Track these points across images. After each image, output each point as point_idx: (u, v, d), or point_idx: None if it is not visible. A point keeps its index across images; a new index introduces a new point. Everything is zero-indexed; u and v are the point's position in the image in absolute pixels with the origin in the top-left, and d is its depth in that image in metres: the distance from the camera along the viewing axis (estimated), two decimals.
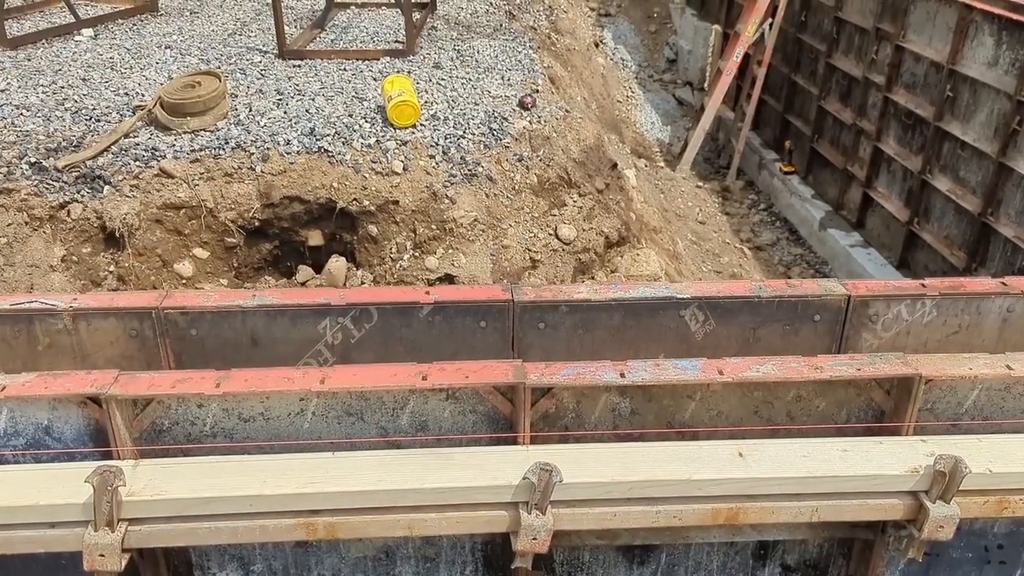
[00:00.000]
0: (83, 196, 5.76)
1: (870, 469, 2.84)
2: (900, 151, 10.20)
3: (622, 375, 2.96)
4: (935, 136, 9.40)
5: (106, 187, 5.79)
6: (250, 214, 5.97)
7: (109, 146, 6.05)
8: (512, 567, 2.88)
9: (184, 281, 6.00)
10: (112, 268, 5.80)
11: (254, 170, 5.99)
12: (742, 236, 11.97)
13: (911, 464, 2.84)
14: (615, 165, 7.26)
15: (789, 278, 10.84)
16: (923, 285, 3.67)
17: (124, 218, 5.72)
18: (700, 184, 13.28)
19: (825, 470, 2.83)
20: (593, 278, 6.41)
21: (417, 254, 5.99)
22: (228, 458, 2.78)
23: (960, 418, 3.20)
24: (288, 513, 2.67)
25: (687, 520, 2.81)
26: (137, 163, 5.93)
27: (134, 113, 6.49)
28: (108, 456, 2.82)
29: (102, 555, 2.53)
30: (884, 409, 3.19)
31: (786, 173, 12.68)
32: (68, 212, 5.73)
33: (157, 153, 6.00)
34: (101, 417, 2.77)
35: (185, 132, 6.23)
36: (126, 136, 6.19)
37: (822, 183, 12.14)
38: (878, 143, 10.55)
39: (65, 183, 5.79)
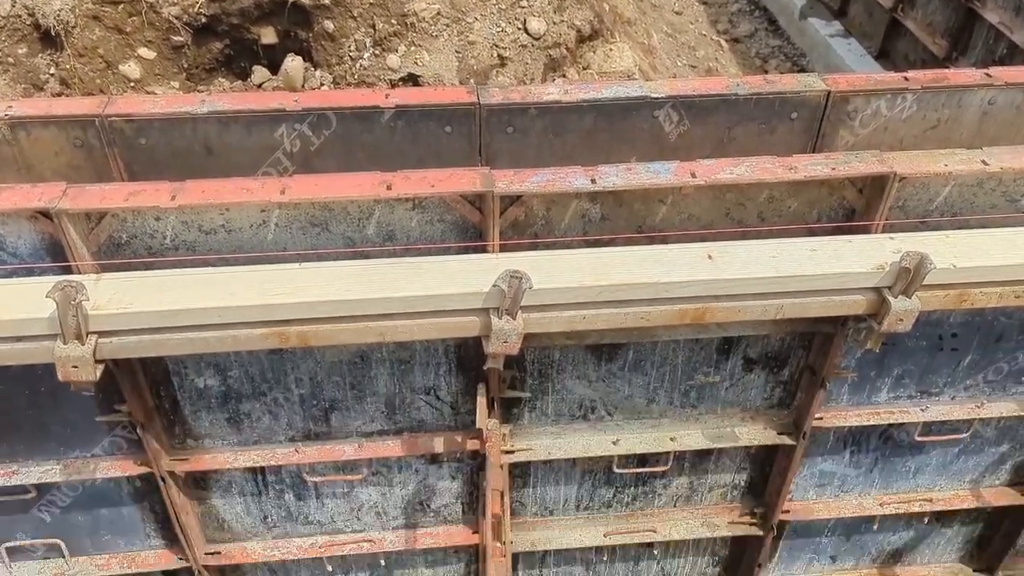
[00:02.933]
0: None
1: (837, 268, 2.86)
2: None
3: (593, 181, 2.88)
4: None
5: None
6: (195, 9, 5.52)
7: None
8: (484, 367, 2.96)
9: (132, 84, 5.65)
10: (53, 71, 5.42)
11: None
12: (719, 27, 11.43)
13: (877, 261, 2.87)
14: None
15: (766, 72, 10.52)
16: (906, 79, 3.53)
17: (58, 15, 5.27)
18: None
19: (792, 270, 2.85)
20: (564, 76, 6.13)
21: (378, 52, 5.64)
22: (193, 271, 2.73)
23: (930, 215, 3.20)
24: (259, 323, 2.67)
25: (655, 320, 2.87)
26: None
27: None
28: (68, 271, 2.76)
29: (75, 367, 2.54)
30: (856, 208, 3.18)
31: None
32: None
33: None
34: (55, 231, 2.67)
35: None
36: None
37: None
38: None
39: None
